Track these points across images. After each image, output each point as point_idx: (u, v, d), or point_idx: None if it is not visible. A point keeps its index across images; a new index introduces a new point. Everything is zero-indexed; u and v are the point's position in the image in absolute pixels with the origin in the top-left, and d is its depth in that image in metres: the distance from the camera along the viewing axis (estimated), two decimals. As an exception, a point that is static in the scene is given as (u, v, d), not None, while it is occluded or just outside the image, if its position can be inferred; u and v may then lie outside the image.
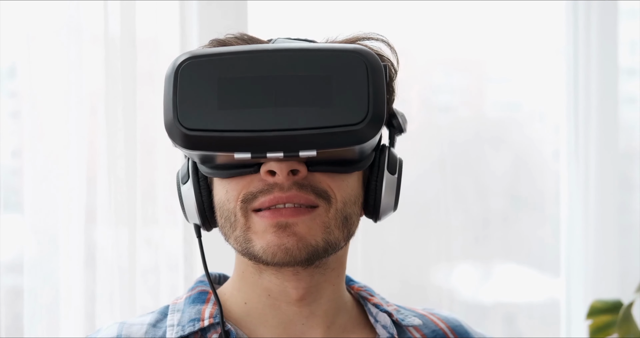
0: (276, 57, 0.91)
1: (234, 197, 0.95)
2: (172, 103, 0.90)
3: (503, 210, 2.30)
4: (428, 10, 2.06)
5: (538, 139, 2.41)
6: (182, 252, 1.69)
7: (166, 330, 1.02)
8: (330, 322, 1.04)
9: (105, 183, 1.59)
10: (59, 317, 1.56)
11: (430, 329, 1.11)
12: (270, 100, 0.90)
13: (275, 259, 0.94)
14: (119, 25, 1.60)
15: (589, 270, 2.24)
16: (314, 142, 0.90)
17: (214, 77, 0.90)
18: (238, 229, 0.96)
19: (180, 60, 0.91)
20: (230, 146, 0.90)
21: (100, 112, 1.59)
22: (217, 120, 0.89)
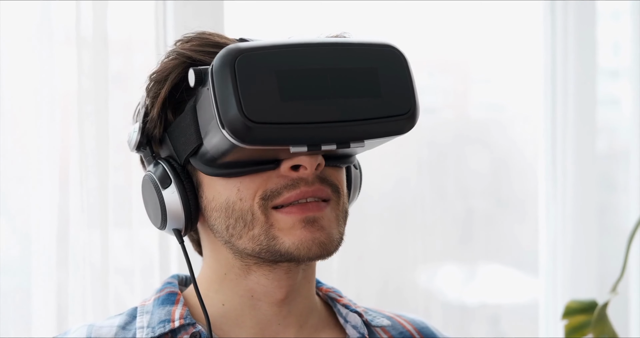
0: (328, 50, 0.92)
1: (250, 195, 0.95)
2: (234, 97, 0.87)
3: (485, 211, 2.30)
4: (410, 11, 2.07)
5: (520, 140, 2.41)
6: (157, 254, 1.68)
7: (136, 331, 1.02)
8: (303, 322, 1.04)
9: (78, 183, 1.58)
10: (31, 318, 1.55)
11: (397, 331, 1.11)
12: (327, 92, 0.90)
13: (310, 254, 0.95)
14: (91, 25, 1.59)
15: (568, 270, 2.25)
16: (366, 133, 0.92)
17: (271, 69, 0.89)
18: (257, 228, 0.95)
19: (234, 54, 0.89)
20: (295, 139, 0.90)
21: (73, 113, 1.58)
22: (281, 113, 0.89)
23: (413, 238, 2.12)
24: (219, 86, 0.88)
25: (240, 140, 0.88)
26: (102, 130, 1.60)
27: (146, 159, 1.01)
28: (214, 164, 0.95)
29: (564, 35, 2.23)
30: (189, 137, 0.95)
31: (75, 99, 1.58)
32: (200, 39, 0.99)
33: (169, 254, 1.69)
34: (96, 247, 1.59)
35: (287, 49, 0.91)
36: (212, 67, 0.89)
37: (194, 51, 0.98)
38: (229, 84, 0.88)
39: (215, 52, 0.94)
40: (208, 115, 0.91)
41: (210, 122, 0.91)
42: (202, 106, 0.93)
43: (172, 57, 0.98)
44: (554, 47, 2.24)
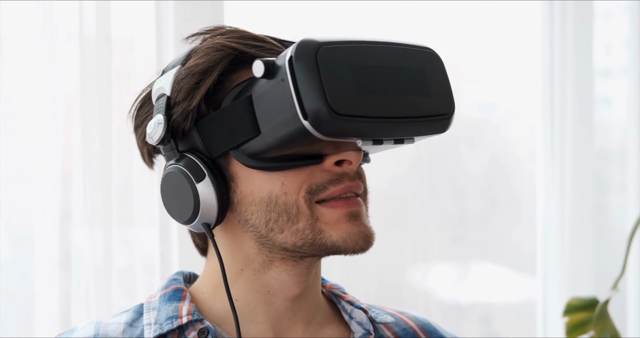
0: (389, 49, 0.94)
1: (295, 189, 0.95)
2: (319, 89, 0.88)
3: (479, 210, 2.31)
4: (404, 10, 2.07)
5: (514, 139, 2.42)
6: (159, 253, 1.68)
7: (143, 329, 1.02)
8: (310, 317, 1.05)
9: (81, 183, 1.58)
10: (34, 317, 1.55)
11: (400, 327, 1.12)
12: (391, 89, 0.92)
13: (356, 247, 0.96)
14: (94, 24, 1.59)
15: (565, 269, 2.25)
16: (421, 130, 0.95)
17: (345, 64, 0.90)
18: (302, 221, 0.96)
19: (314, 47, 0.89)
20: (370, 132, 0.91)
21: (76, 111, 1.58)
22: (358, 107, 0.90)
23: (407, 237, 2.12)
24: (301, 78, 0.88)
25: (322, 131, 0.89)
26: (104, 129, 1.59)
27: (168, 153, 1.00)
28: (259, 157, 0.95)
29: (561, 34, 2.23)
30: (239, 129, 0.95)
31: (78, 98, 1.58)
32: (236, 32, 1.00)
33: (170, 253, 1.69)
34: (99, 246, 1.59)
35: (358, 45, 0.92)
36: (291, 58, 0.89)
37: (239, 43, 0.98)
38: (313, 76, 0.88)
39: (258, 46, 0.96)
40: (275, 107, 0.91)
41: (280, 114, 0.90)
42: (264, 98, 0.92)
43: (215, 48, 0.98)
44: (552, 46, 2.24)
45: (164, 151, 1.00)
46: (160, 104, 0.99)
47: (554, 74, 2.24)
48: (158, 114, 0.98)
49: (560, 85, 2.24)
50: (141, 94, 1.06)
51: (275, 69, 0.91)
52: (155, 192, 1.66)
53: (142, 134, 1.04)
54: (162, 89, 1.00)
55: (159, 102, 0.99)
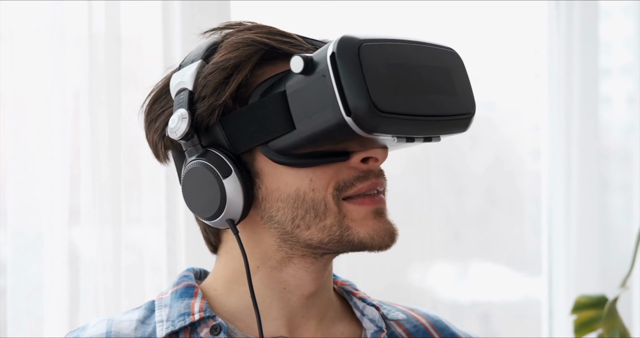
0: (420, 48, 0.95)
1: (323, 185, 0.96)
2: (363, 86, 0.88)
3: (480, 209, 2.31)
4: (406, 8, 2.07)
5: (515, 137, 2.42)
6: (165, 251, 1.68)
7: (156, 326, 1.02)
8: (323, 314, 1.05)
9: (89, 182, 1.58)
10: (42, 317, 1.54)
11: (412, 324, 1.13)
12: (424, 88, 0.93)
13: (382, 243, 0.97)
14: (103, 23, 1.59)
15: (571, 268, 2.25)
16: (449, 129, 0.96)
17: (383, 62, 0.91)
18: (330, 218, 0.96)
19: (355, 44, 0.90)
20: (409, 131, 0.92)
21: (84, 110, 1.58)
22: (397, 104, 0.90)
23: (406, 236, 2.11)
24: (344, 74, 0.89)
25: (363, 128, 0.89)
26: (113, 128, 1.59)
27: (189, 148, 0.98)
28: (288, 153, 0.95)
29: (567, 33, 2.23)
30: (270, 124, 0.94)
31: (86, 97, 1.58)
32: (263, 27, 0.99)
33: (177, 252, 1.69)
34: (107, 245, 1.59)
35: (394, 44, 0.93)
36: (333, 54, 0.89)
37: (270, 39, 0.97)
38: (356, 72, 0.88)
39: (288, 42, 0.96)
40: (314, 103, 0.91)
41: (319, 109, 0.91)
42: (301, 94, 0.92)
43: (246, 43, 0.97)
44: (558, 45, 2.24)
45: (185, 146, 0.99)
46: (182, 99, 0.98)
47: (559, 72, 2.24)
48: (181, 109, 0.97)
49: (565, 84, 2.24)
50: (155, 88, 1.05)
51: (313, 65, 0.91)
52: (163, 191, 1.66)
53: (158, 129, 1.02)
54: (182, 84, 0.98)
55: (180, 96, 0.98)
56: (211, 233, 1.06)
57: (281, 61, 0.98)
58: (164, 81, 1.04)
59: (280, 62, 0.98)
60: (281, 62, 0.98)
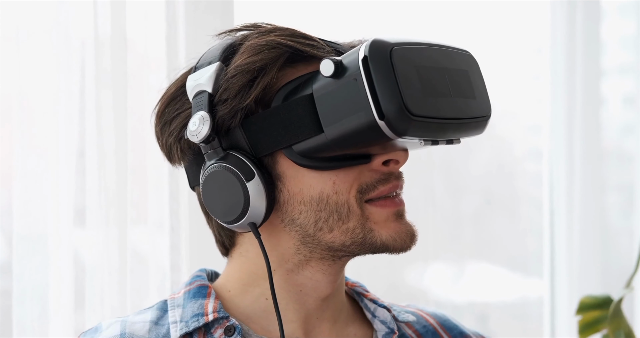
0: (444, 51, 0.96)
1: (346, 188, 0.96)
2: (396, 89, 0.89)
3: (478, 210, 2.32)
4: (407, 8, 2.07)
5: (514, 138, 2.43)
6: (169, 254, 1.68)
7: (169, 327, 1.01)
8: (337, 316, 1.05)
9: (95, 185, 1.58)
10: (48, 319, 1.54)
11: (421, 325, 1.13)
12: (449, 91, 0.94)
13: (404, 245, 0.99)
14: (109, 25, 1.58)
15: (573, 269, 2.26)
16: (471, 131, 0.97)
17: (412, 65, 0.91)
18: (353, 220, 0.96)
19: (387, 47, 0.90)
20: (437, 132, 0.93)
21: (90, 112, 1.57)
22: (428, 108, 0.91)
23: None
24: (377, 78, 0.89)
25: (396, 131, 0.90)
26: (120, 130, 1.59)
27: (210, 151, 0.97)
28: (312, 156, 0.95)
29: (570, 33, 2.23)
30: (297, 127, 0.94)
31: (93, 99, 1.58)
32: (284, 30, 0.99)
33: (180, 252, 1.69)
34: (113, 247, 1.59)
35: (422, 47, 0.94)
36: (365, 58, 0.90)
37: (294, 42, 0.97)
38: (389, 76, 0.89)
39: (311, 44, 0.96)
40: (344, 106, 0.91)
41: (350, 113, 0.91)
42: (330, 97, 0.92)
43: (270, 46, 0.97)
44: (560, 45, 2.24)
45: (204, 149, 0.98)
46: (201, 101, 0.97)
47: (561, 73, 2.24)
48: (201, 111, 0.96)
49: (567, 85, 2.24)
50: (167, 90, 1.04)
51: (343, 68, 0.91)
52: (167, 193, 1.66)
53: (174, 132, 1.01)
54: (200, 86, 0.98)
55: (199, 99, 0.98)
56: (225, 236, 1.05)
57: (302, 63, 0.98)
58: (178, 83, 1.03)
59: (301, 64, 0.98)
60: (302, 64, 0.98)
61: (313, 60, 0.97)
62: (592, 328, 1.51)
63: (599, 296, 1.52)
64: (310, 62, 0.98)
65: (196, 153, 1.01)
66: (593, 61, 2.26)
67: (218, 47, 1.00)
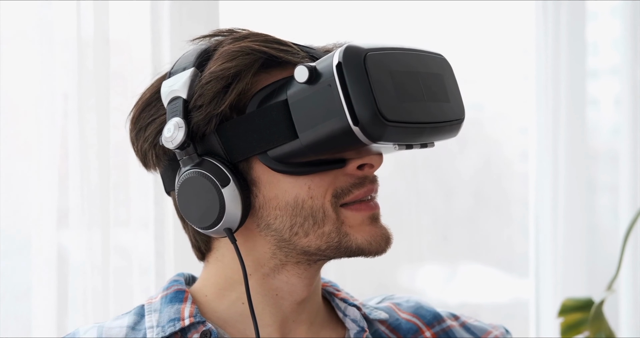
0: (418, 55, 0.97)
1: (321, 193, 0.97)
2: (370, 95, 0.89)
3: (469, 211, 2.32)
4: (393, 9, 2.07)
5: (504, 139, 2.43)
6: (154, 255, 1.68)
7: (146, 331, 1.02)
8: (313, 318, 1.06)
9: (77, 185, 1.58)
10: (30, 320, 1.54)
11: (394, 318, 1.13)
12: (422, 95, 0.94)
13: (379, 248, 1.00)
14: (92, 26, 1.58)
15: (558, 270, 2.26)
16: (444, 135, 0.98)
17: (386, 70, 0.92)
18: (329, 225, 0.97)
19: (361, 53, 0.91)
20: (413, 138, 0.94)
21: (73, 113, 1.57)
22: (402, 113, 0.92)
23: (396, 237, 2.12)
24: (351, 84, 0.90)
25: (370, 137, 0.90)
26: (102, 131, 1.59)
27: (185, 157, 0.98)
28: (287, 161, 0.96)
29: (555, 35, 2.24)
30: (271, 133, 0.95)
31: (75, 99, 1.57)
32: (258, 35, 0.99)
33: (166, 255, 1.69)
34: (96, 249, 1.59)
35: (395, 52, 0.94)
36: (339, 64, 0.90)
37: (268, 47, 0.97)
38: (363, 82, 0.90)
39: (285, 50, 0.97)
40: (318, 112, 0.92)
41: (324, 119, 0.91)
42: (304, 103, 0.93)
43: (245, 52, 0.97)
44: (546, 46, 2.25)
45: (179, 155, 0.98)
46: (176, 107, 0.98)
47: (547, 74, 2.25)
48: (176, 117, 0.97)
49: (553, 86, 2.24)
50: (142, 96, 1.04)
51: (317, 74, 0.92)
52: (151, 194, 1.66)
53: (149, 138, 1.02)
54: (175, 92, 0.98)
55: (173, 105, 0.98)
56: (202, 241, 1.05)
57: (276, 69, 0.98)
58: (152, 89, 1.03)
59: (275, 70, 0.98)
60: (276, 70, 0.98)
61: (287, 66, 0.98)
62: (573, 331, 1.52)
63: (581, 298, 1.52)
64: (284, 67, 0.98)
65: (171, 159, 1.01)
66: (578, 62, 2.26)
67: (192, 53, 1.01)
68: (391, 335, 1.11)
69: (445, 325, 1.16)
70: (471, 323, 1.18)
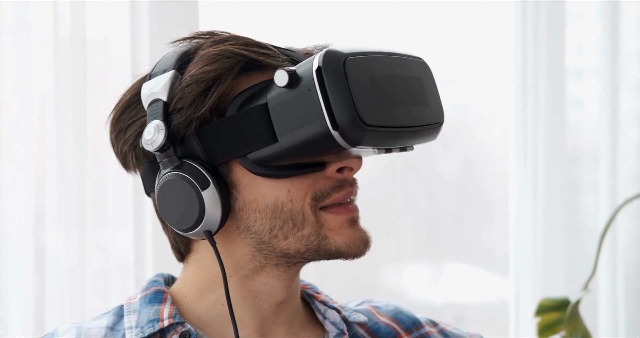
0: (398, 59, 0.97)
1: (301, 196, 0.97)
2: (349, 100, 0.90)
3: (452, 211, 2.32)
4: (374, 10, 2.07)
5: (487, 140, 2.43)
6: (133, 255, 1.68)
7: (125, 332, 1.02)
8: (292, 320, 1.06)
9: (55, 185, 1.57)
10: (7, 321, 1.54)
11: (373, 322, 1.14)
12: (402, 99, 0.95)
13: (358, 251, 1.00)
14: (69, 25, 1.58)
15: (537, 269, 2.26)
16: (424, 139, 0.99)
17: (366, 75, 0.92)
18: (308, 227, 0.98)
19: (340, 57, 0.91)
20: (391, 141, 0.95)
21: (50, 113, 1.57)
22: (382, 117, 0.92)
23: (380, 237, 2.12)
24: (331, 88, 0.90)
25: (349, 141, 0.91)
26: (79, 131, 1.59)
27: (165, 160, 0.98)
28: (266, 164, 0.96)
29: (534, 35, 2.24)
30: (251, 136, 0.95)
31: (52, 99, 1.57)
32: (238, 38, 0.99)
33: (145, 255, 1.68)
34: (73, 248, 1.59)
35: (375, 56, 0.95)
36: (319, 69, 0.91)
37: (248, 51, 0.98)
38: (342, 87, 0.90)
39: (265, 53, 0.97)
40: (298, 116, 0.92)
41: (303, 123, 0.92)
42: (284, 107, 0.93)
43: (225, 55, 0.97)
44: (525, 47, 2.25)
45: (159, 158, 0.99)
46: (156, 110, 0.98)
47: (526, 74, 2.25)
48: (156, 120, 0.97)
49: (532, 86, 2.25)
50: (122, 98, 1.04)
51: (297, 78, 0.92)
52: (130, 194, 1.66)
53: (129, 139, 1.02)
54: (155, 94, 0.98)
55: (153, 107, 0.98)
56: (181, 242, 1.06)
57: (256, 72, 0.98)
58: (133, 90, 1.03)
59: (255, 73, 0.98)
60: (256, 73, 0.98)
61: (267, 69, 0.98)
62: (550, 330, 1.52)
63: (557, 298, 1.53)
64: (264, 70, 0.98)
65: (151, 160, 1.02)
66: (558, 62, 2.27)
67: (172, 55, 1.01)
68: None
69: (423, 331, 1.16)
70: (450, 330, 1.18)
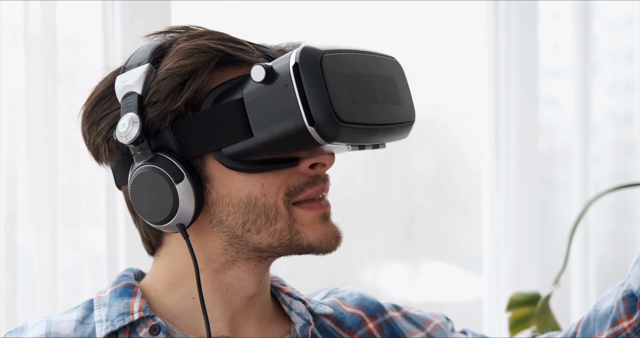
0: (372, 58, 0.98)
1: (274, 191, 0.98)
2: (326, 96, 0.91)
3: (429, 210, 2.33)
4: (351, 10, 2.08)
5: (462, 139, 2.44)
6: (105, 253, 1.68)
7: (95, 326, 1.02)
8: (262, 313, 1.07)
9: (26, 183, 1.57)
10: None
11: (338, 311, 1.14)
12: (376, 97, 0.96)
13: (330, 246, 1.01)
14: (39, 23, 1.58)
15: (510, 266, 2.28)
16: (396, 136, 1.00)
17: (341, 72, 0.93)
18: (280, 222, 0.98)
19: (318, 54, 0.92)
20: (366, 139, 0.96)
21: (21, 111, 1.57)
22: (356, 114, 0.93)
23: (358, 236, 2.14)
24: (308, 85, 0.91)
25: (325, 137, 0.92)
26: (50, 129, 1.59)
27: (139, 152, 0.98)
28: (241, 159, 0.97)
29: (506, 35, 2.26)
30: (226, 131, 0.96)
31: (23, 97, 1.57)
32: (214, 33, 1.00)
33: (117, 253, 1.68)
34: (44, 247, 1.58)
35: (350, 54, 0.96)
36: (296, 65, 0.92)
37: (224, 46, 0.98)
38: (319, 83, 0.91)
39: (241, 48, 0.98)
40: (274, 112, 0.93)
41: (279, 118, 0.93)
42: (260, 102, 0.94)
43: (201, 50, 0.98)
44: (497, 47, 2.27)
45: (133, 150, 0.99)
46: (131, 103, 0.98)
47: (499, 74, 2.27)
48: (130, 113, 0.97)
49: (505, 86, 2.27)
50: (95, 90, 1.04)
51: (274, 74, 0.93)
52: (102, 192, 1.66)
53: (102, 132, 1.02)
54: (129, 87, 0.98)
55: (128, 100, 0.98)
56: (152, 235, 1.06)
57: (231, 67, 0.99)
58: (106, 83, 1.03)
59: (231, 68, 0.99)
60: (231, 68, 0.99)
61: (243, 65, 0.99)
62: (521, 325, 1.53)
63: (528, 293, 1.54)
64: (240, 66, 0.99)
65: (124, 153, 1.02)
66: (530, 62, 2.29)
67: (147, 49, 1.01)
68: (336, 328, 1.12)
69: (387, 316, 1.17)
70: (413, 313, 1.19)
